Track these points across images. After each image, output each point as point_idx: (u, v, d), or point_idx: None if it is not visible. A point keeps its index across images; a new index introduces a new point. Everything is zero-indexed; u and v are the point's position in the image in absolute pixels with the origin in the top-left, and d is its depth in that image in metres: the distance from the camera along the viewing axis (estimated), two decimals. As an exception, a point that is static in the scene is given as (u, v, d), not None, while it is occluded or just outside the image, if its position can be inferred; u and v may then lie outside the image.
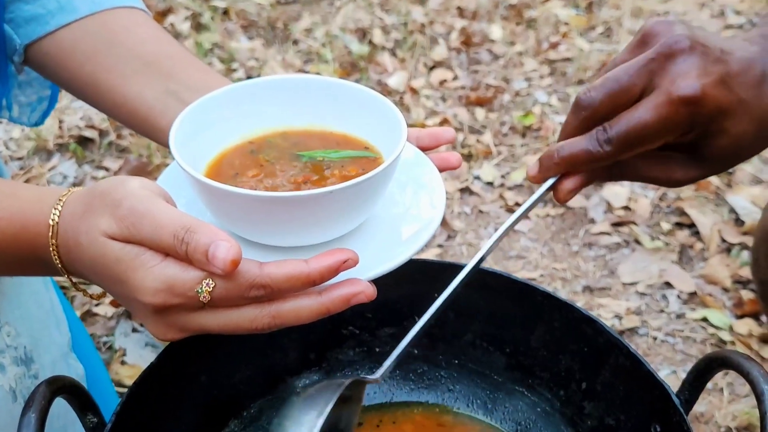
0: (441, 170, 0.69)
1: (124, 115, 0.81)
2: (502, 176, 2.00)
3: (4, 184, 0.62)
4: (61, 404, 0.66)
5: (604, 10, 2.76)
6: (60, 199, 0.58)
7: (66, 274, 0.60)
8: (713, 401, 1.42)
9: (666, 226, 1.82)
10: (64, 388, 0.64)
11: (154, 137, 0.80)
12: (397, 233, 0.63)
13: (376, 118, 0.65)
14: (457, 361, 0.86)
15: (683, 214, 1.85)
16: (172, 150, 0.58)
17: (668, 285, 1.67)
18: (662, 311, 1.61)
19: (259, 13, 2.74)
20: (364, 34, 2.61)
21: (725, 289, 1.64)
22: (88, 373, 1.01)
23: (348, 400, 0.62)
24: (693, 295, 1.64)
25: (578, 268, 1.73)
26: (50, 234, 0.58)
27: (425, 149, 0.72)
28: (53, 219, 0.58)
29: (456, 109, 2.25)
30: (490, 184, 1.97)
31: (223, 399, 0.81)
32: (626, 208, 1.87)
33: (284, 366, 0.84)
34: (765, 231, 1.28)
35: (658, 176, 0.64)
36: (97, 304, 1.60)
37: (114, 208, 0.54)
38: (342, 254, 0.54)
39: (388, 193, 0.65)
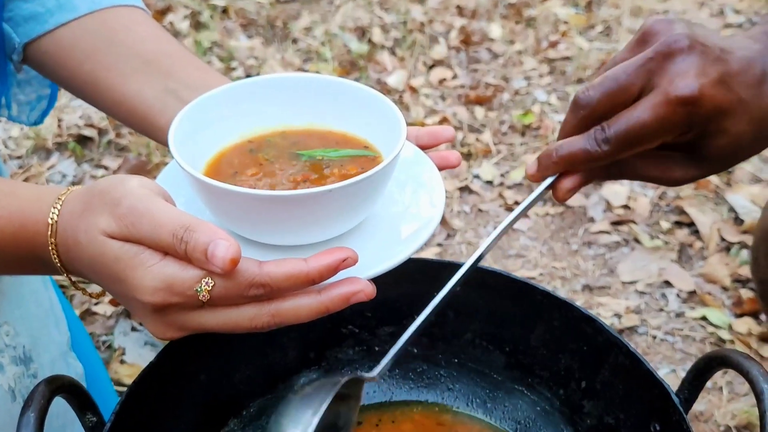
0: (440, 169, 0.69)
1: (124, 113, 0.81)
2: (502, 175, 2.00)
3: (3, 183, 0.62)
4: (61, 403, 0.66)
5: (603, 8, 2.76)
6: (59, 198, 0.58)
7: (65, 273, 0.60)
8: (712, 400, 1.42)
9: (665, 224, 1.82)
10: (63, 388, 0.64)
11: (153, 136, 0.80)
12: (396, 232, 0.63)
13: (376, 116, 0.65)
14: (456, 360, 0.86)
15: (683, 212, 1.85)
16: (171, 149, 0.58)
17: (668, 284, 1.67)
18: (661, 310, 1.61)
19: (259, 11, 2.74)
20: (363, 32, 2.61)
21: (724, 288, 1.64)
22: (87, 373, 1.01)
23: (346, 398, 0.62)
24: (692, 293, 1.64)
25: (578, 267, 1.73)
26: (49, 233, 0.58)
27: (425, 148, 0.72)
28: (52, 218, 0.58)
29: (455, 107, 2.25)
30: (489, 182, 1.97)
31: (222, 398, 0.81)
32: (626, 206, 1.87)
33: (284, 365, 0.84)
34: (764, 230, 1.28)
35: (657, 175, 0.64)
36: (96, 303, 1.59)
37: (113, 207, 0.54)
38: (341, 253, 0.54)
39: (388, 191, 0.65)
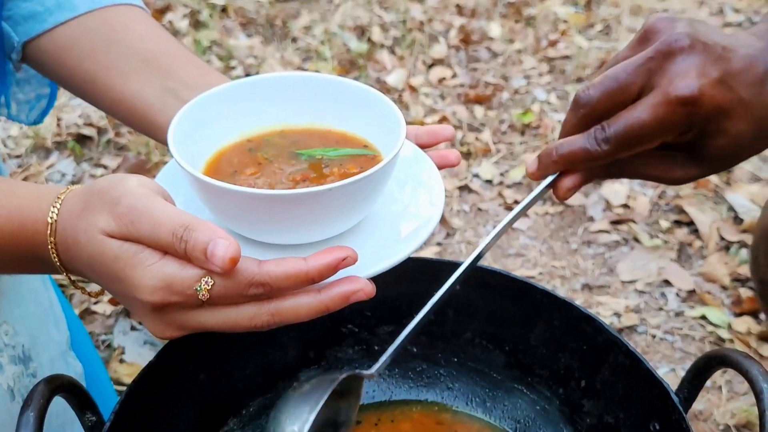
0: (440, 168, 0.69)
1: (123, 112, 0.81)
2: (501, 174, 2.00)
3: (2, 182, 0.62)
4: (60, 403, 0.66)
5: (603, 7, 2.76)
6: (58, 197, 0.58)
7: (64, 272, 0.60)
8: (712, 399, 1.42)
9: (665, 224, 1.82)
10: (62, 387, 0.63)
11: (153, 135, 0.80)
12: (396, 231, 0.63)
13: (375, 115, 0.65)
14: (456, 360, 0.86)
15: (682, 212, 1.85)
16: (171, 148, 0.58)
17: (667, 283, 1.67)
18: (661, 309, 1.61)
19: (258, 10, 2.73)
20: (362, 31, 2.61)
21: (724, 287, 1.64)
22: (86, 372, 1.01)
23: (346, 395, 0.62)
24: (692, 293, 1.64)
25: (577, 266, 1.73)
26: (49, 232, 0.58)
27: (424, 147, 0.72)
28: (51, 217, 0.58)
29: (455, 107, 2.25)
30: (489, 182, 1.97)
31: (222, 397, 0.81)
32: (625, 206, 1.87)
33: (283, 364, 0.84)
34: (764, 229, 1.28)
35: (658, 174, 0.64)
36: (95, 302, 1.59)
37: (112, 206, 0.54)
38: (341, 252, 0.54)
39: (387, 190, 0.65)
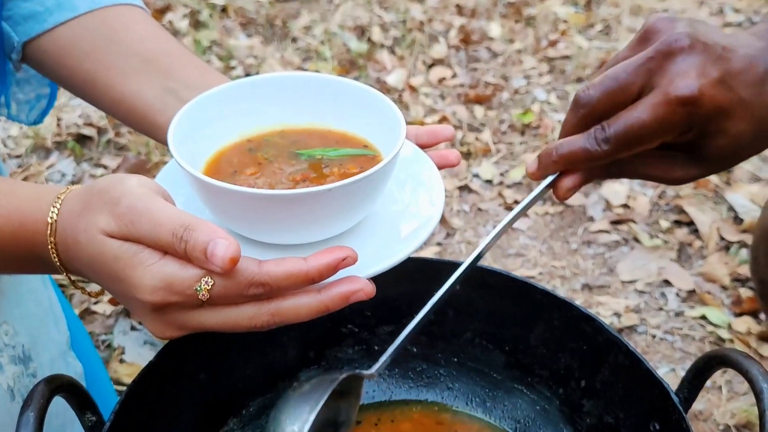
0: (440, 168, 0.69)
1: (123, 112, 0.81)
2: (501, 174, 2.00)
3: (2, 182, 0.62)
4: (60, 403, 0.65)
5: (603, 7, 2.76)
6: (58, 197, 0.58)
7: (64, 272, 0.60)
8: (712, 399, 1.42)
9: (665, 224, 1.82)
10: (62, 387, 0.63)
11: (153, 135, 0.79)
12: (396, 231, 0.63)
13: (375, 115, 0.65)
14: (456, 360, 0.86)
15: (682, 212, 1.85)
16: (171, 148, 0.58)
17: (667, 283, 1.67)
18: (661, 309, 1.61)
19: (258, 10, 2.73)
20: (362, 31, 2.61)
21: (724, 287, 1.64)
22: (86, 372, 1.01)
23: (346, 395, 0.62)
24: (692, 293, 1.64)
25: (577, 266, 1.73)
26: (49, 232, 0.58)
27: (424, 147, 0.72)
28: (52, 217, 0.58)
29: (455, 107, 2.24)
30: (489, 182, 1.97)
31: (222, 397, 0.81)
32: (625, 206, 1.87)
33: (283, 364, 0.84)
34: (764, 230, 1.28)
35: (658, 174, 0.64)
36: (95, 302, 1.59)
37: (112, 206, 0.54)
38: (341, 252, 0.54)
39: (387, 190, 0.65)
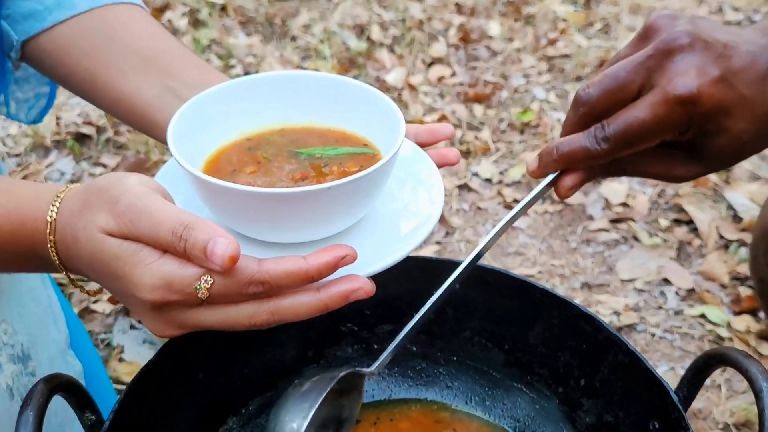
0: (439, 166, 0.69)
1: (122, 111, 0.80)
2: (501, 173, 2.00)
3: (1, 181, 0.62)
4: (59, 402, 0.65)
5: (602, 6, 2.76)
6: (58, 196, 0.58)
7: (64, 271, 0.60)
8: (711, 398, 1.42)
9: (664, 222, 1.82)
10: (61, 386, 0.63)
11: (152, 133, 0.79)
12: (395, 229, 0.63)
13: (375, 114, 0.65)
14: (455, 358, 0.86)
15: (681, 210, 1.85)
16: (170, 146, 0.58)
17: (666, 281, 1.67)
18: (660, 308, 1.61)
19: (257, 9, 2.73)
20: (362, 30, 2.61)
21: (723, 286, 1.65)
22: (86, 371, 1.01)
23: (348, 393, 0.64)
24: (691, 291, 1.64)
25: (576, 265, 1.73)
26: (48, 231, 0.58)
27: (423, 145, 0.72)
28: (51, 215, 0.58)
29: (454, 105, 2.24)
30: (488, 180, 1.97)
31: (221, 396, 0.81)
32: (624, 204, 1.87)
33: (283, 363, 0.84)
34: (763, 229, 1.28)
35: (659, 172, 0.64)
36: (94, 301, 1.59)
37: (112, 205, 0.54)
38: (340, 250, 0.54)
39: (387, 189, 0.65)
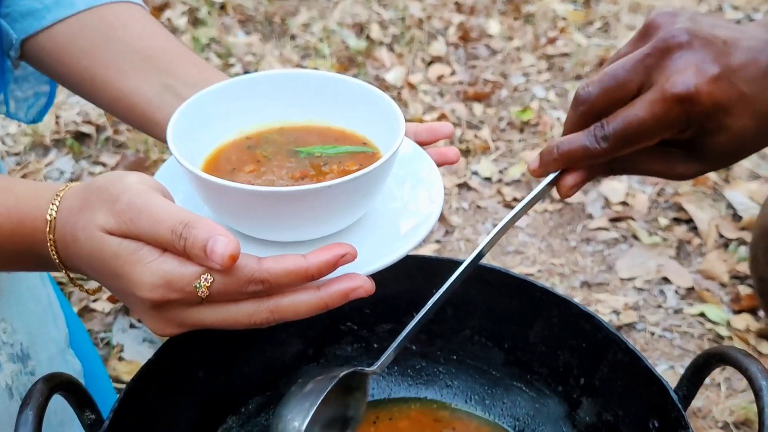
0: (439, 165, 0.69)
1: (121, 110, 0.80)
2: (500, 172, 2.00)
3: (0, 180, 0.62)
4: (59, 401, 0.65)
5: (602, 5, 2.75)
6: (57, 195, 0.58)
7: (63, 270, 0.60)
8: (711, 396, 1.42)
9: (664, 221, 1.82)
10: (61, 385, 0.63)
11: (152, 132, 0.79)
12: (395, 228, 0.63)
13: (374, 113, 0.65)
14: (455, 357, 0.86)
15: (681, 209, 1.85)
16: (170, 145, 0.58)
17: (666, 280, 1.67)
18: (660, 306, 1.61)
19: (257, 7, 2.73)
20: (361, 29, 2.61)
21: (723, 285, 1.65)
22: (85, 370, 1.01)
23: (353, 392, 0.65)
24: (690, 290, 1.64)
25: (576, 264, 1.73)
26: (48, 229, 0.58)
27: (423, 144, 0.72)
28: (51, 214, 0.58)
29: (454, 104, 2.24)
30: (488, 179, 1.97)
31: (221, 395, 0.81)
32: (624, 203, 1.87)
33: (282, 362, 0.84)
34: (763, 228, 1.28)
35: (661, 171, 0.63)
36: (94, 300, 1.59)
37: (112, 203, 0.54)
38: (340, 249, 0.54)
39: (387, 187, 0.65)
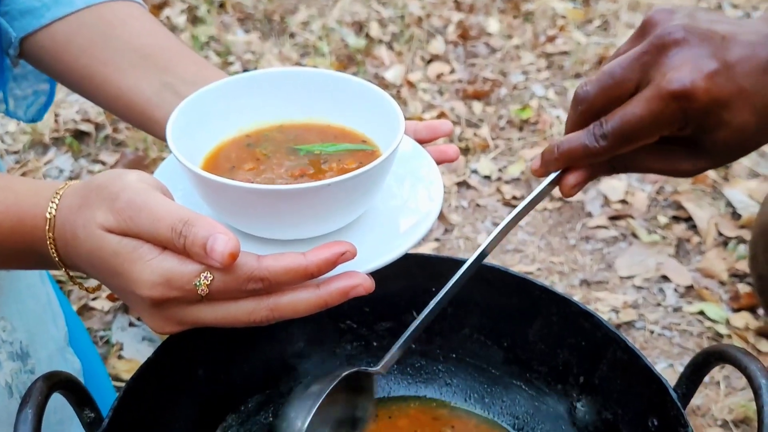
0: (438, 163, 0.69)
1: (121, 108, 0.80)
2: (500, 170, 2.00)
3: (0, 178, 0.61)
4: (58, 399, 0.65)
5: (601, 3, 2.75)
6: (57, 193, 0.58)
7: (63, 268, 0.60)
8: (710, 394, 1.42)
9: (663, 219, 1.82)
10: (60, 384, 0.63)
11: (151, 130, 0.79)
12: (395, 226, 0.63)
13: (374, 111, 0.65)
14: (454, 355, 0.86)
15: (680, 207, 1.85)
16: (169, 143, 0.58)
17: (665, 278, 1.67)
18: (659, 305, 1.61)
19: (256, 5, 2.73)
20: (360, 27, 2.61)
21: (722, 283, 1.65)
22: (85, 368, 1.01)
23: (360, 392, 0.67)
24: (690, 288, 1.64)
25: (575, 262, 1.73)
26: (47, 227, 0.58)
27: (423, 142, 0.72)
28: (50, 212, 0.57)
29: (453, 102, 2.24)
30: (487, 177, 1.97)
31: (220, 393, 0.81)
32: (623, 201, 1.87)
33: (282, 360, 0.84)
34: (763, 226, 1.28)
35: (664, 168, 0.63)
36: (93, 298, 1.59)
37: (111, 201, 0.54)
38: (340, 247, 0.54)
39: (386, 185, 0.65)
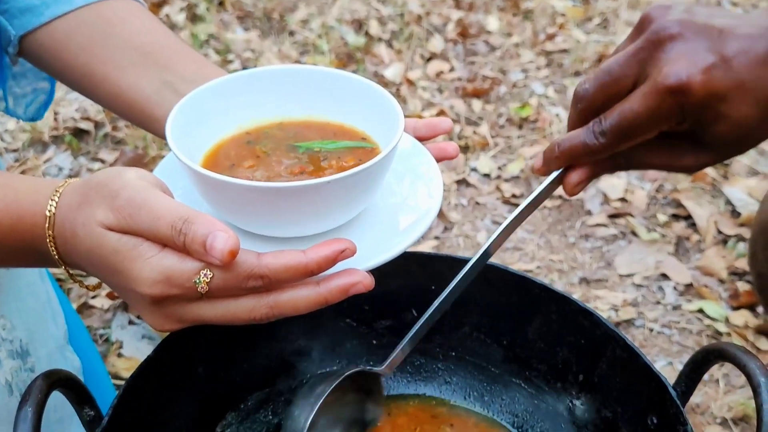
0: (438, 160, 0.69)
1: (120, 106, 0.80)
2: (499, 168, 2.00)
3: (-1, 176, 0.62)
4: (58, 397, 0.65)
5: (600, 1, 2.75)
6: (57, 190, 0.58)
7: (63, 266, 0.60)
8: (709, 392, 1.42)
9: (662, 217, 1.82)
10: (60, 382, 0.63)
11: (150, 128, 0.79)
12: (394, 223, 0.63)
13: (374, 108, 0.65)
14: (454, 354, 0.86)
15: (680, 205, 1.85)
16: (169, 141, 0.58)
17: (664, 277, 1.67)
18: (658, 303, 1.61)
19: (255, 3, 2.73)
20: (360, 25, 2.61)
21: (721, 281, 1.65)
22: (84, 366, 1.01)
23: (369, 393, 0.69)
24: (689, 286, 1.64)
25: (575, 260, 1.73)
26: (47, 225, 0.58)
27: (422, 139, 0.72)
28: (50, 210, 0.57)
29: (453, 100, 2.24)
30: (486, 175, 1.97)
31: (220, 391, 0.81)
32: (623, 199, 1.87)
33: (282, 358, 0.84)
34: (762, 224, 1.28)
35: (667, 164, 0.62)
36: (93, 296, 1.59)
37: (111, 199, 0.54)
38: (340, 244, 0.54)
39: (386, 183, 0.65)
